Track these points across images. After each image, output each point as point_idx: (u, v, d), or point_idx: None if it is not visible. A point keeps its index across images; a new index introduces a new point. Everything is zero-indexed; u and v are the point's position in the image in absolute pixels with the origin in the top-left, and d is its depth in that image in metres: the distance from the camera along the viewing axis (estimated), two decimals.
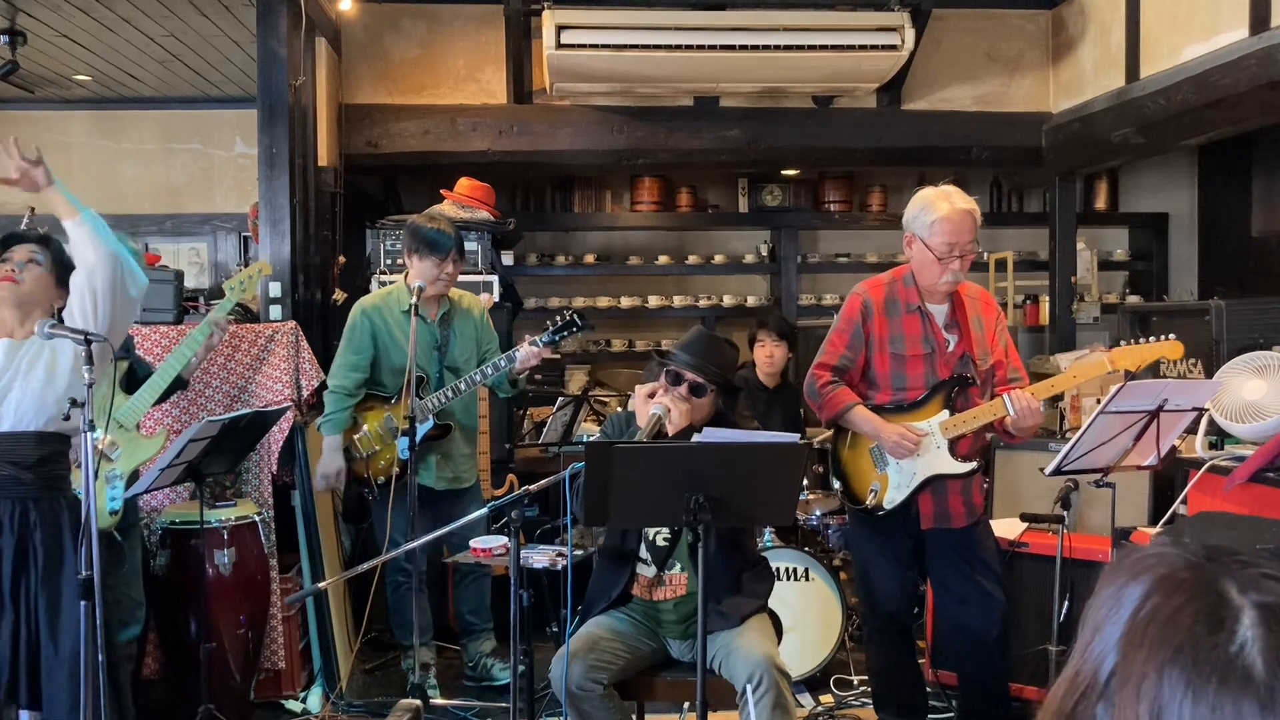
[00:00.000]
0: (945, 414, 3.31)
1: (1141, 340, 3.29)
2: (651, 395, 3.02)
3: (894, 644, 3.51)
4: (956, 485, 3.35)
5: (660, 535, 3.10)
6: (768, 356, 5.05)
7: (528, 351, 3.96)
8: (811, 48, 5.43)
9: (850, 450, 3.47)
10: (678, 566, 3.07)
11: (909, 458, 3.30)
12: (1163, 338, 3.24)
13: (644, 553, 3.11)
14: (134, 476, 3.50)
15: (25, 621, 2.80)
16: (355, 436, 4.15)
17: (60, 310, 2.92)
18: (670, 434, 2.95)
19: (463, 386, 4.06)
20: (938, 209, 3.24)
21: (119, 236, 3.37)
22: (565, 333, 3.97)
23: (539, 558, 3.02)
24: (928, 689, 3.73)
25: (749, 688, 2.82)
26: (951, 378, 3.33)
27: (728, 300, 7.15)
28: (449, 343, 4.19)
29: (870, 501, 3.38)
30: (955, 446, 3.31)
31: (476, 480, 4.36)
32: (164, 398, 3.61)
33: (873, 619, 3.52)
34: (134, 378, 3.52)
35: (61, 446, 2.92)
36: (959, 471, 3.32)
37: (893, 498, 3.35)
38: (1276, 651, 0.80)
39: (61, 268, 2.94)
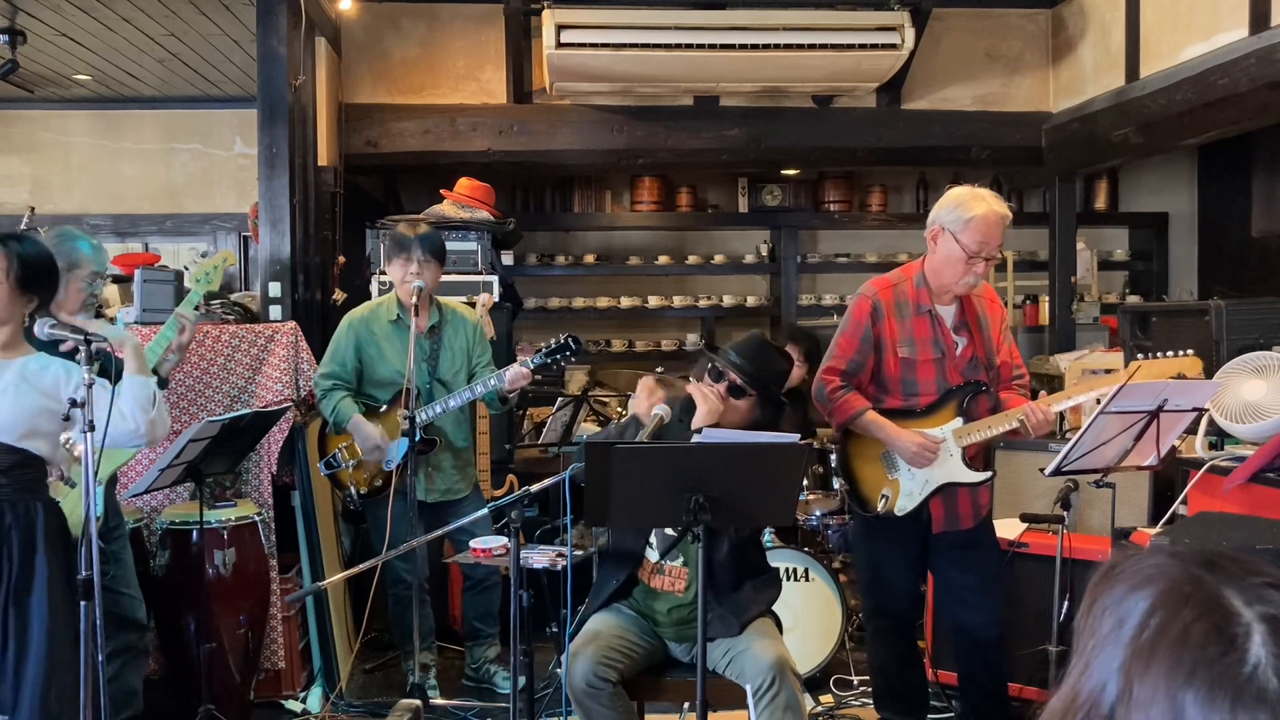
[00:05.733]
0: (959, 421, 3.28)
1: (1161, 355, 3.25)
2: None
3: (897, 644, 3.49)
4: (966, 488, 3.34)
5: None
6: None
7: (516, 372, 3.91)
8: (811, 47, 5.43)
9: (859, 455, 3.43)
10: (680, 559, 3.07)
11: (926, 466, 3.27)
12: (1182, 353, 3.22)
13: (652, 537, 3.11)
14: (112, 480, 3.49)
15: None
16: (344, 444, 4.14)
17: (32, 312, 2.80)
18: (695, 425, 2.95)
19: (452, 403, 4.02)
20: (974, 208, 3.20)
21: (70, 233, 3.32)
22: (558, 356, 3.92)
23: (539, 558, 3.01)
24: (929, 689, 3.73)
25: (760, 689, 2.82)
26: (965, 384, 3.30)
27: (728, 300, 7.15)
28: (438, 355, 4.16)
29: (881, 508, 3.34)
30: (964, 452, 3.29)
31: (475, 489, 4.34)
32: None
33: (877, 621, 3.49)
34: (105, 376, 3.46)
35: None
36: (974, 481, 3.30)
37: (904, 505, 3.31)
38: None
39: (23, 274, 2.77)
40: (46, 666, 2.73)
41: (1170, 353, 3.24)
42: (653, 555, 3.11)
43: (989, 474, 3.32)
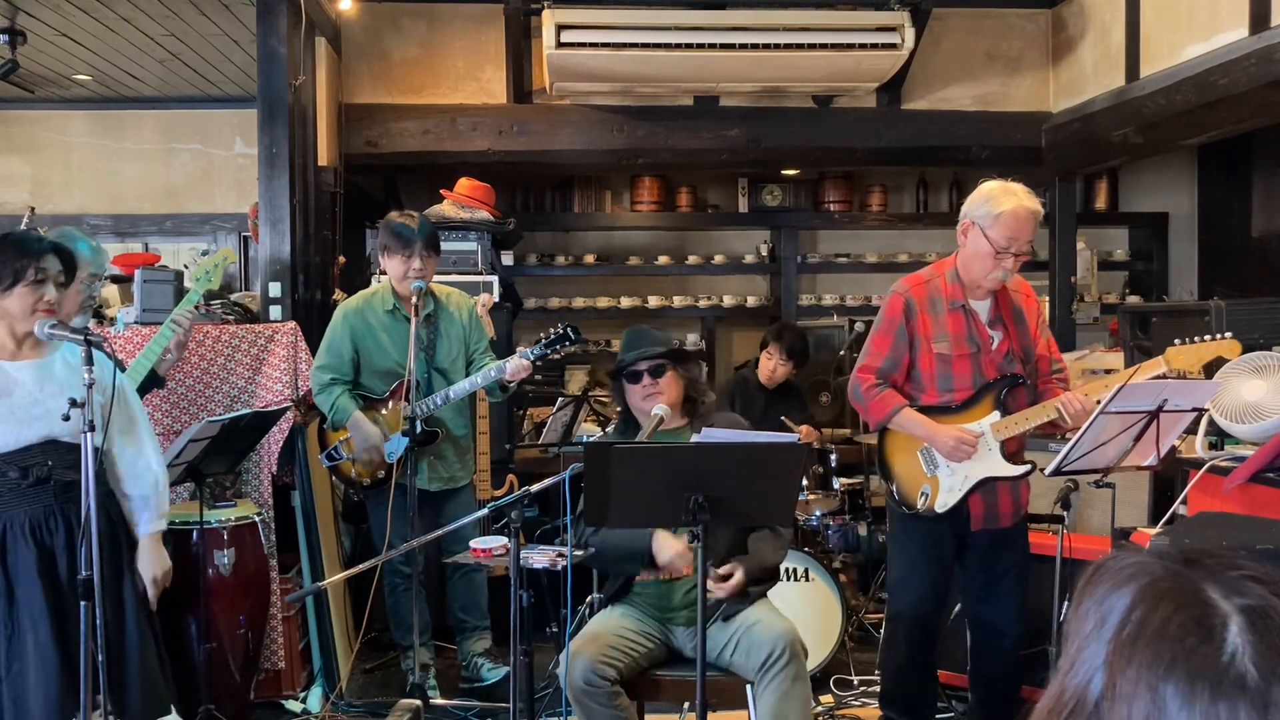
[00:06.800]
0: (996, 415, 3.27)
1: (1197, 339, 3.23)
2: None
3: (916, 646, 3.46)
4: (1006, 485, 3.33)
5: None
6: (770, 371, 5.03)
7: (517, 364, 3.90)
8: (811, 47, 5.43)
9: (897, 453, 3.42)
10: (684, 535, 3.08)
11: (965, 460, 3.27)
12: (1219, 336, 3.21)
13: None
14: None
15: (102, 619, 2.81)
16: (345, 437, 4.14)
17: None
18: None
19: (451, 395, 4.01)
20: (1004, 203, 3.20)
21: (70, 234, 3.35)
22: (557, 346, 3.90)
23: (539, 558, 3.01)
24: (935, 692, 3.72)
25: (771, 659, 2.85)
26: (1001, 377, 3.30)
27: (728, 300, 7.15)
28: (435, 344, 4.13)
29: (921, 505, 3.33)
30: (1004, 447, 3.29)
31: (471, 480, 4.34)
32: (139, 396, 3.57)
33: (900, 621, 3.47)
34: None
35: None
36: (1013, 474, 3.29)
37: (944, 501, 3.31)
38: (1267, 657, 0.80)
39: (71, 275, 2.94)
40: (141, 649, 2.90)
41: (1207, 336, 3.22)
42: None
43: (1029, 467, 3.31)
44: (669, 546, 3.02)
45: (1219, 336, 3.19)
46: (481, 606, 4.35)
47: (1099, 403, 3.05)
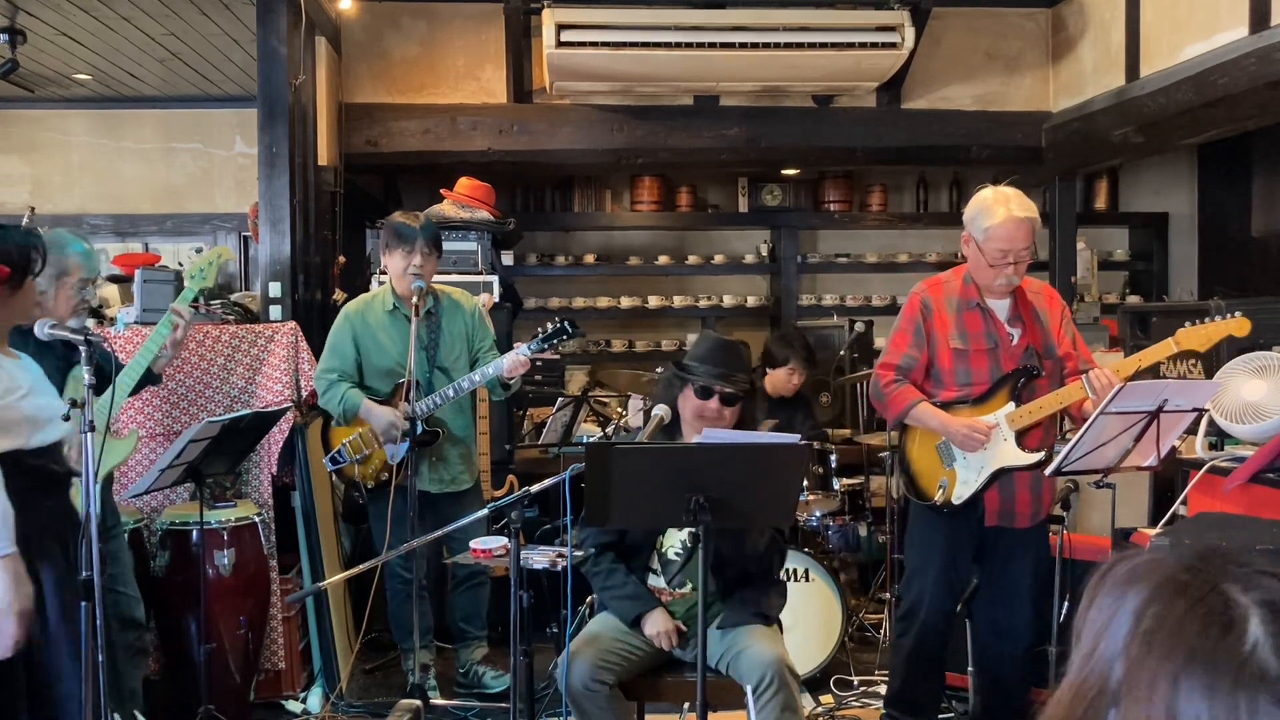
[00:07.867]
0: (1011, 406, 3.31)
1: (1206, 320, 3.24)
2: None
3: (927, 645, 3.46)
4: (1025, 481, 3.35)
5: (672, 549, 3.10)
6: (792, 384, 5.00)
7: (514, 360, 3.88)
8: (811, 46, 5.43)
9: (916, 447, 3.47)
10: (688, 586, 3.07)
11: (978, 451, 3.30)
12: (1230, 315, 3.22)
13: (655, 563, 3.12)
14: (108, 480, 3.48)
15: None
16: (347, 439, 4.13)
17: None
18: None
19: (450, 393, 4.00)
20: (994, 215, 3.24)
21: (63, 236, 3.33)
22: (555, 340, 3.88)
23: (539, 558, 3.01)
24: (941, 693, 3.71)
25: (759, 688, 2.82)
26: (1016, 370, 3.33)
27: (728, 300, 7.15)
28: (436, 342, 4.12)
29: (938, 498, 3.38)
30: (1024, 439, 3.31)
31: (477, 482, 4.32)
32: (134, 392, 3.56)
33: (913, 618, 3.47)
34: (102, 375, 3.44)
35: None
36: (1027, 463, 3.31)
37: (960, 493, 3.35)
38: None
39: None
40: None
41: (1218, 316, 3.23)
42: (657, 582, 3.11)
43: (1039, 456, 3.31)
44: (661, 623, 3.01)
45: (1229, 316, 3.20)
46: (483, 618, 4.36)
47: (1066, 414, 3.07)
